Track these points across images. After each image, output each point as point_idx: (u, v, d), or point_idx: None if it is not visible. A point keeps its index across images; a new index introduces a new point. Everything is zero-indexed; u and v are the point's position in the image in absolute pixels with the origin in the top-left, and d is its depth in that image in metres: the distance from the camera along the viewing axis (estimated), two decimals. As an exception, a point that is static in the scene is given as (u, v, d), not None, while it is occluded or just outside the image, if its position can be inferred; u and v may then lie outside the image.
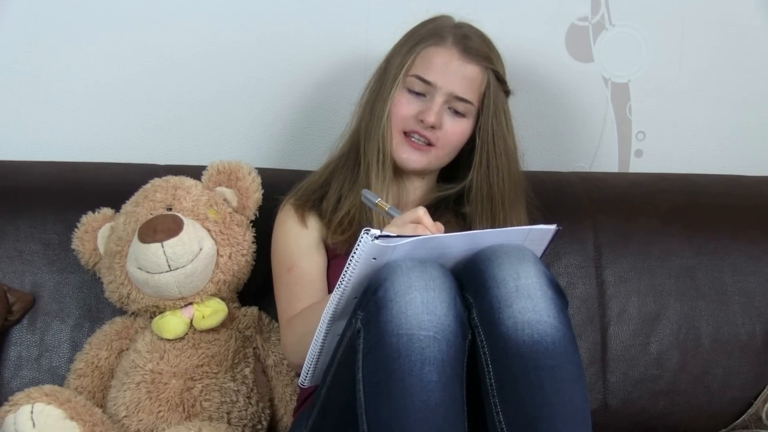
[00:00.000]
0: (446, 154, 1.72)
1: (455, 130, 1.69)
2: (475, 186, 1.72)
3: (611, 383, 1.89)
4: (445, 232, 1.44)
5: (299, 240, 1.69)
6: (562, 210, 1.91)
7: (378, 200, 1.56)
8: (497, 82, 1.71)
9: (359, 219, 1.67)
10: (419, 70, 1.68)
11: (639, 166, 2.18)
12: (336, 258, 1.69)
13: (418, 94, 1.68)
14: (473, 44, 1.69)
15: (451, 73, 1.67)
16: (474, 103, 1.69)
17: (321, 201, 1.72)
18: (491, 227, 1.69)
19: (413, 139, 1.68)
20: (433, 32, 1.70)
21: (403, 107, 1.68)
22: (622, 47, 2.14)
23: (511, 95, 1.76)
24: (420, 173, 1.74)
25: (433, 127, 1.67)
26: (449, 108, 1.68)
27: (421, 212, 1.47)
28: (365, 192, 1.59)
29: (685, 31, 2.14)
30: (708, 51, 2.16)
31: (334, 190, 1.71)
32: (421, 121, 1.66)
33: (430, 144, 1.68)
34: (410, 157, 1.69)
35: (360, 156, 1.70)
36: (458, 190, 1.75)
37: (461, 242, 1.43)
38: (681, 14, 2.14)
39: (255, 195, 1.80)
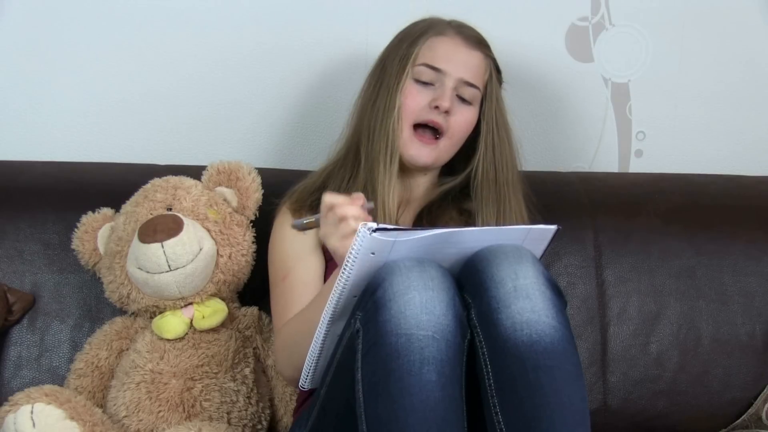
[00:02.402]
0: (453, 144, 1.73)
1: (465, 118, 1.71)
2: (482, 172, 1.73)
3: (611, 383, 1.89)
4: (447, 227, 1.44)
5: (295, 245, 1.69)
6: (562, 210, 1.92)
7: (305, 221, 1.58)
8: (495, 71, 1.75)
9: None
10: (426, 59, 1.69)
11: (639, 166, 2.17)
12: (333, 260, 1.69)
13: (426, 84, 1.69)
14: (473, 33, 1.74)
15: (458, 59, 1.70)
16: (480, 89, 1.72)
17: (318, 204, 1.71)
18: (497, 216, 1.71)
19: (422, 133, 1.69)
20: (430, 26, 1.73)
21: (415, 97, 1.69)
22: (622, 47, 2.14)
23: (512, 94, 1.78)
24: (427, 169, 1.75)
25: (446, 113, 1.68)
26: (457, 96, 1.70)
27: (327, 198, 1.49)
28: (294, 223, 1.61)
29: (685, 31, 2.14)
30: (708, 51, 2.16)
31: None
32: (436, 107, 1.68)
33: (439, 135, 1.69)
34: (420, 153, 1.70)
35: (360, 157, 1.70)
36: (462, 181, 1.76)
37: (460, 238, 1.43)
38: (681, 14, 2.14)
39: (255, 195, 1.80)
